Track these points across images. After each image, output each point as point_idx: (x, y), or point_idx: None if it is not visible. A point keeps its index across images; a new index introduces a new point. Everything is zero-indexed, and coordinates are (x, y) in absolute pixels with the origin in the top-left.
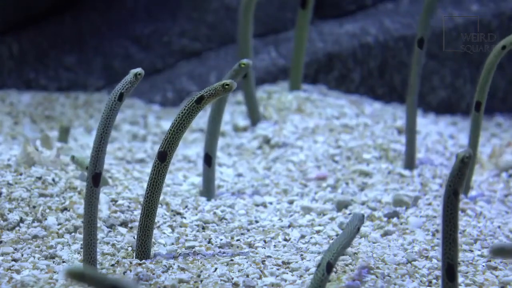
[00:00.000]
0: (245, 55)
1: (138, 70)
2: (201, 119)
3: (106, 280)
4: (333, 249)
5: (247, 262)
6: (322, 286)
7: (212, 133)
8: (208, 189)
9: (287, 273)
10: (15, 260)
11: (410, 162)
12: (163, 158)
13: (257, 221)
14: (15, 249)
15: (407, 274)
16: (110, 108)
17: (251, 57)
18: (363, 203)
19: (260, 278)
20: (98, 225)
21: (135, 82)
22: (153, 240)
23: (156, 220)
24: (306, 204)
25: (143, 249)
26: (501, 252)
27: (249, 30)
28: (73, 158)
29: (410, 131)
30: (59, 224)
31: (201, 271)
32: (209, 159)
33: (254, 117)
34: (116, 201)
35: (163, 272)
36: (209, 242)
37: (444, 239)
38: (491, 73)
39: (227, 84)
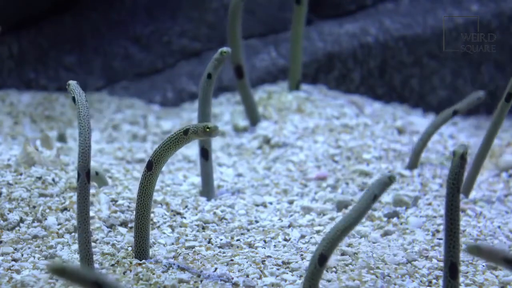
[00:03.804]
0: (237, 57)
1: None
2: None
3: (88, 276)
4: (327, 238)
5: (247, 262)
6: (315, 280)
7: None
8: (207, 185)
9: (287, 273)
10: (15, 260)
11: (414, 163)
12: (150, 167)
13: (257, 221)
14: (15, 249)
15: (407, 274)
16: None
17: (243, 57)
18: None
19: (260, 278)
20: (98, 225)
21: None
22: (153, 240)
23: (156, 220)
24: (306, 204)
25: (140, 250)
26: (476, 251)
27: (238, 32)
28: (97, 174)
29: (427, 134)
30: (59, 224)
31: (201, 271)
32: (205, 153)
33: (253, 117)
34: (116, 201)
35: (163, 272)
36: (209, 242)
37: (448, 237)
38: None
39: (208, 128)
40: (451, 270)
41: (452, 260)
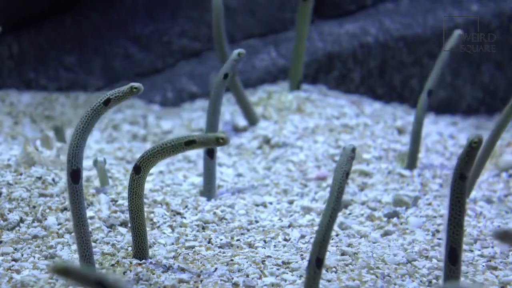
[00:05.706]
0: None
1: (136, 84)
2: (202, 119)
3: (91, 276)
4: (318, 241)
5: (247, 262)
6: (316, 283)
7: (213, 124)
8: (209, 184)
9: (287, 273)
10: (15, 260)
11: (412, 163)
12: (138, 171)
13: (257, 221)
14: (15, 249)
15: (407, 274)
16: (93, 109)
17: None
18: (363, 203)
19: (260, 278)
20: (98, 225)
21: (128, 94)
22: (153, 240)
23: (156, 220)
24: (306, 204)
25: (139, 250)
26: (505, 236)
27: (223, 39)
28: (95, 162)
29: (416, 132)
30: (59, 224)
31: (201, 271)
32: (211, 151)
33: (251, 118)
34: (116, 201)
35: (163, 272)
36: (209, 242)
37: (449, 222)
38: None
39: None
40: (451, 255)
41: (452, 246)
